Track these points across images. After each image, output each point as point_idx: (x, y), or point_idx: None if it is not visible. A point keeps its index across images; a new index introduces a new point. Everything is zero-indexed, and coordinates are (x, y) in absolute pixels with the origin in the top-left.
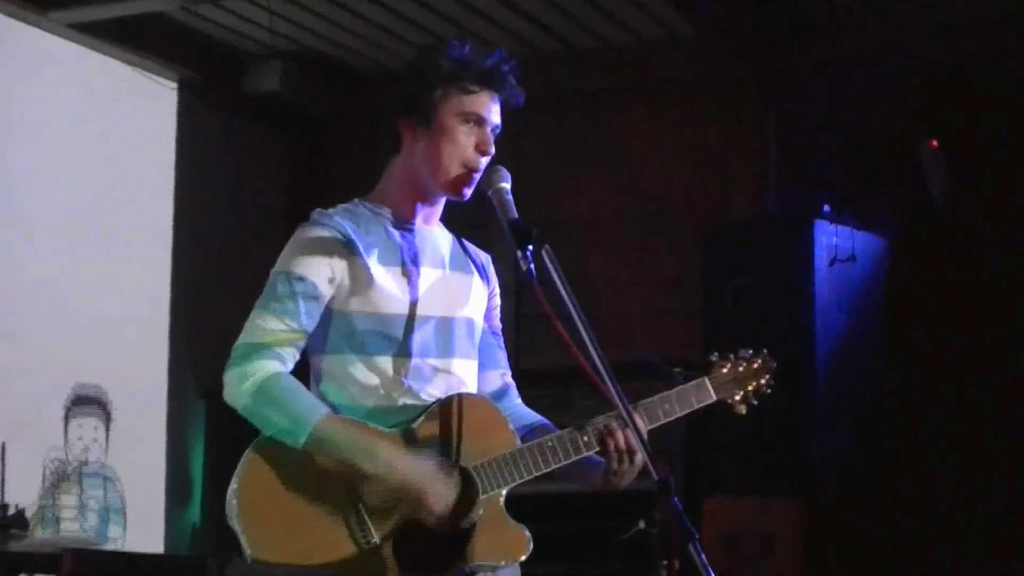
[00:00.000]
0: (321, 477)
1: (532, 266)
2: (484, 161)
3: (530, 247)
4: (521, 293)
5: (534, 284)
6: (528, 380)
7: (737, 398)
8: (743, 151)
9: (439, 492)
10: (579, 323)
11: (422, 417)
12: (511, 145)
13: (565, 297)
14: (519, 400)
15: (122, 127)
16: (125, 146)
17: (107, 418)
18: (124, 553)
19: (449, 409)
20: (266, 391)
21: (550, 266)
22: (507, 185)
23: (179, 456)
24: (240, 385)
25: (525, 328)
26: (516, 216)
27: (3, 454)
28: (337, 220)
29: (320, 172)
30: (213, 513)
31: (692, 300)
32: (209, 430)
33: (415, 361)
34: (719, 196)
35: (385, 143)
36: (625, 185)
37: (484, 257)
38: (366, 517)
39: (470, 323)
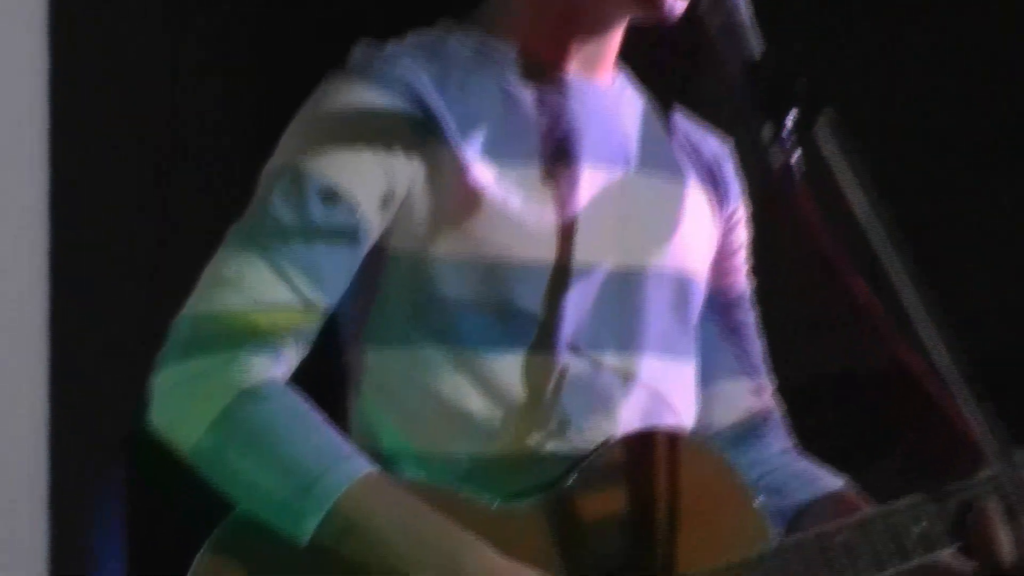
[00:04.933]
0: None
1: (794, 155)
2: None
3: (791, 115)
4: (768, 211)
5: (798, 193)
6: (786, 396)
7: None
8: None
9: None
10: (898, 273)
11: (574, 478)
12: None
13: (868, 221)
14: (785, 442)
15: None
16: None
17: None
18: None
19: (634, 462)
20: (242, 420)
21: (833, 156)
22: None
23: (71, 565)
24: (188, 404)
25: (775, 285)
26: (759, 52)
27: None
28: (404, 70)
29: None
30: None
31: None
32: (132, 510)
33: (569, 360)
34: None
35: None
36: None
37: (715, 147)
38: None
39: (682, 282)
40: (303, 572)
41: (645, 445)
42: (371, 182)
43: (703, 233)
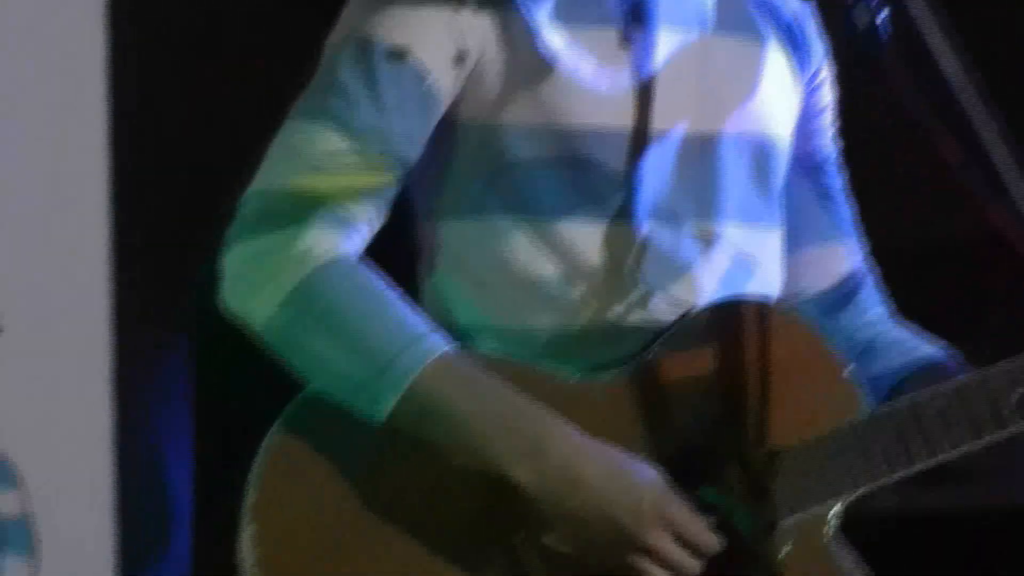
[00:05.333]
0: (427, 486)
1: (881, 15)
2: None
3: None
4: (854, 73)
5: (885, 54)
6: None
7: None
8: None
9: (680, 526)
10: (990, 136)
11: (657, 349)
12: None
13: (957, 83)
14: (879, 308)
15: None
16: None
17: None
18: None
19: (719, 331)
20: (314, 297)
21: (921, 15)
22: None
23: (140, 450)
24: (259, 281)
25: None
26: None
27: None
28: None
29: None
30: (215, 560)
31: None
32: (201, 394)
33: (648, 229)
34: None
35: None
36: None
37: (795, 6)
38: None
39: (762, 147)
40: (377, 452)
41: (731, 314)
42: (440, 46)
43: (784, 96)
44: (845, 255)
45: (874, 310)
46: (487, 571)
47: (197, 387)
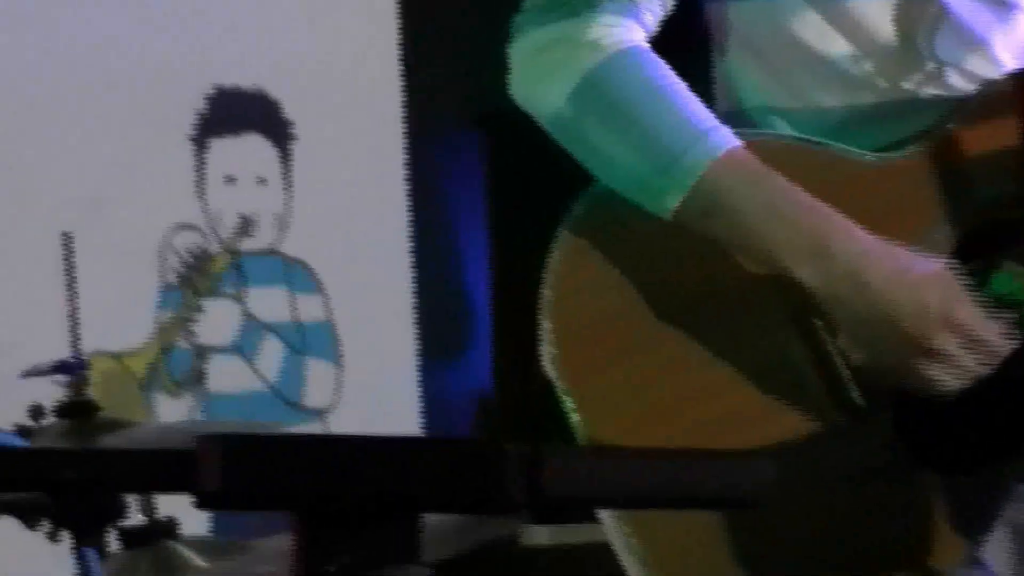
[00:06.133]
0: (721, 276)
1: None
2: None
3: None
4: None
5: None
6: None
7: None
8: None
9: (969, 328)
10: None
11: (956, 121)
12: None
13: None
14: None
15: None
16: None
17: (283, 142)
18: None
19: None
20: (602, 89)
21: None
22: None
23: (438, 249)
24: (547, 70)
25: None
26: None
27: (69, 249)
28: None
29: None
30: (514, 357)
31: None
32: (496, 193)
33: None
34: None
35: None
36: None
37: None
38: (839, 367)
39: None
40: (668, 244)
41: None
42: None
43: None
44: None
45: None
46: (788, 353)
47: (490, 183)
